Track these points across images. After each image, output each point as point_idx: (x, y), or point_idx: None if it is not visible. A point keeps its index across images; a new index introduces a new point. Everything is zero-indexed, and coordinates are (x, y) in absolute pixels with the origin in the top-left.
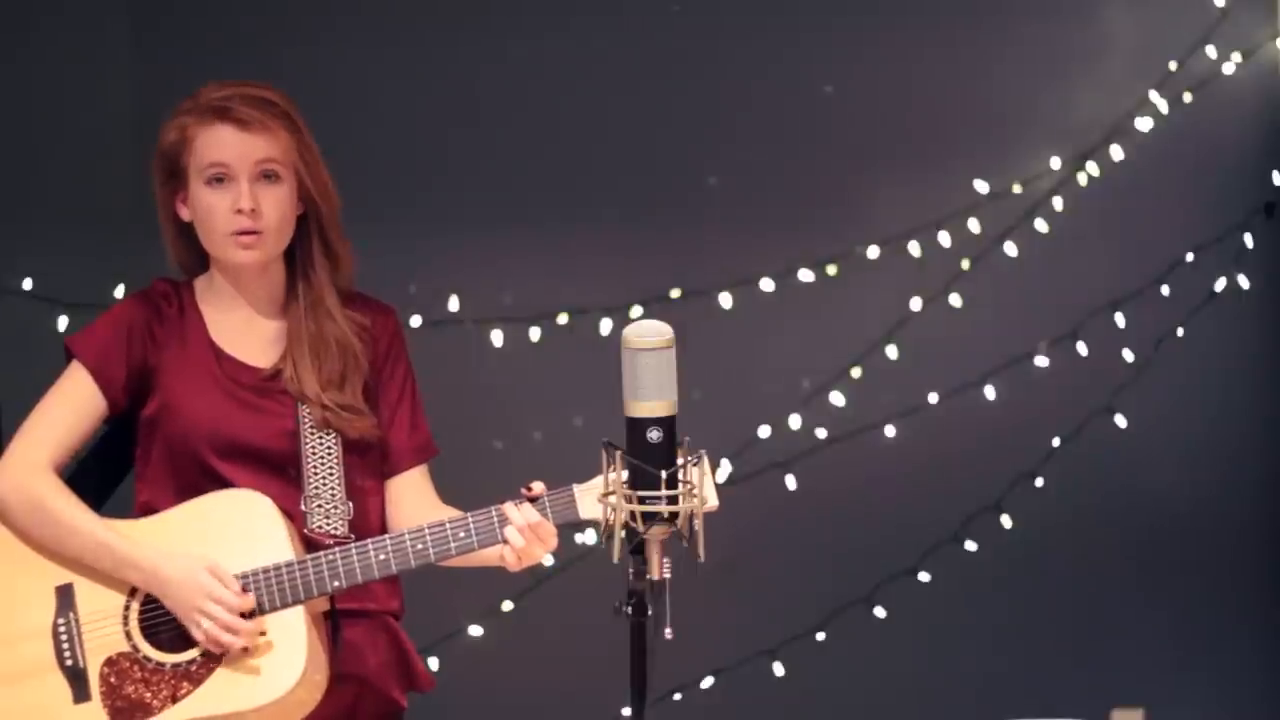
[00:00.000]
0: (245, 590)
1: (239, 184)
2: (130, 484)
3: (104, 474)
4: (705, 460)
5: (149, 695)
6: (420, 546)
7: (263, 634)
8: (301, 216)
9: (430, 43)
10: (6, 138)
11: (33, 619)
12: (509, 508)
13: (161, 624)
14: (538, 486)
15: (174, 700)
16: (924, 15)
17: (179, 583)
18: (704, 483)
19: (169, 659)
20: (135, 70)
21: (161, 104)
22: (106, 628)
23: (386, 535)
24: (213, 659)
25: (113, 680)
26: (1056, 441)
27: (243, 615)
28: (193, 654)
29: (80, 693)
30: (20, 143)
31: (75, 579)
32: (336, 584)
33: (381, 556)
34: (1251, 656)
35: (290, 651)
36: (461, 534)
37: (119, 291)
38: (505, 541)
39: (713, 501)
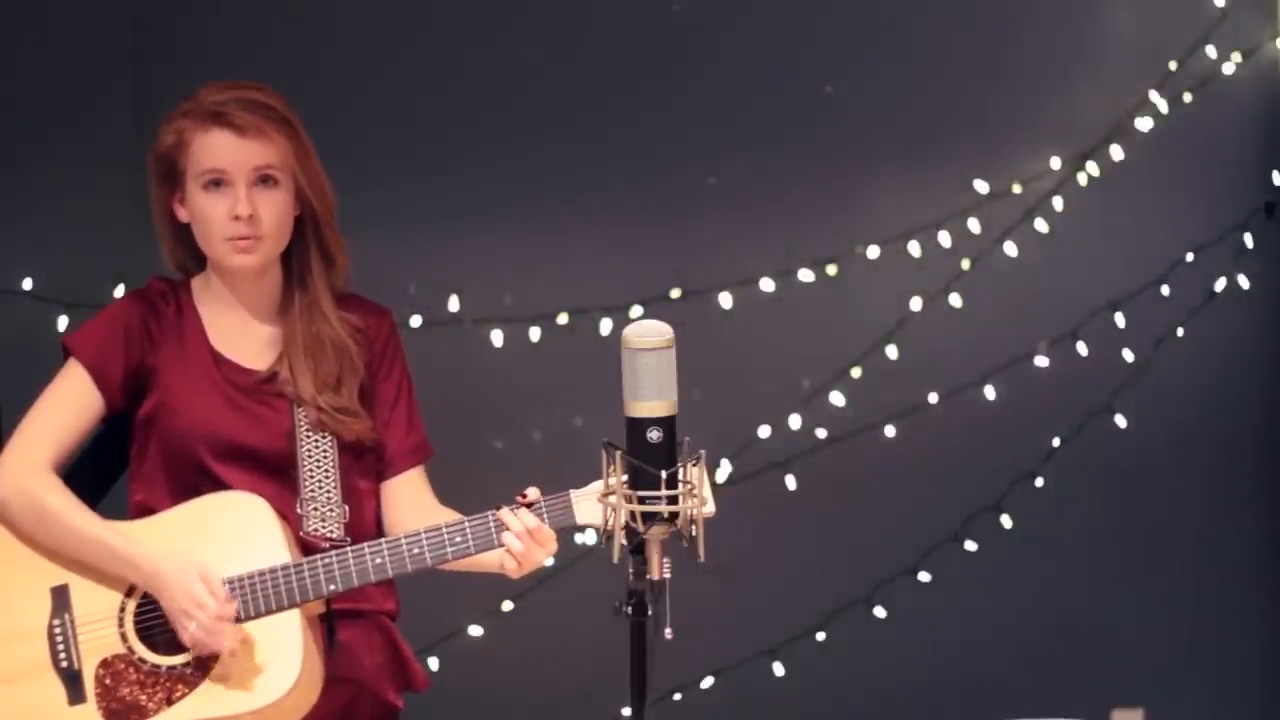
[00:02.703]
0: (233, 596)
1: (236, 190)
2: (125, 483)
3: (99, 473)
4: (704, 465)
5: (144, 698)
6: (417, 551)
7: (254, 620)
8: (298, 218)
9: (430, 42)
10: (7, 138)
11: (28, 620)
12: (506, 514)
13: (157, 626)
14: (532, 493)
15: (169, 703)
16: (924, 15)
17: (173, 584)
18: (701, 487)
19: (164, 661)
20: (135, 70)
21: (161, 104)
22: (102, 629)
23: (383, 539)
24: (209, 661)
25: (108, 682)
26: (1056, 441)
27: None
28: (188, 657)
29: (75, 694)
30: (20, 143)
31: (71, 580)
32: (332, 587)
33: (378, 561)
34: (1251, 656)
35: (286, 655)
36: (458, 539)
37: (119, 291)
38: (504, 547)
39: (710, 506)
